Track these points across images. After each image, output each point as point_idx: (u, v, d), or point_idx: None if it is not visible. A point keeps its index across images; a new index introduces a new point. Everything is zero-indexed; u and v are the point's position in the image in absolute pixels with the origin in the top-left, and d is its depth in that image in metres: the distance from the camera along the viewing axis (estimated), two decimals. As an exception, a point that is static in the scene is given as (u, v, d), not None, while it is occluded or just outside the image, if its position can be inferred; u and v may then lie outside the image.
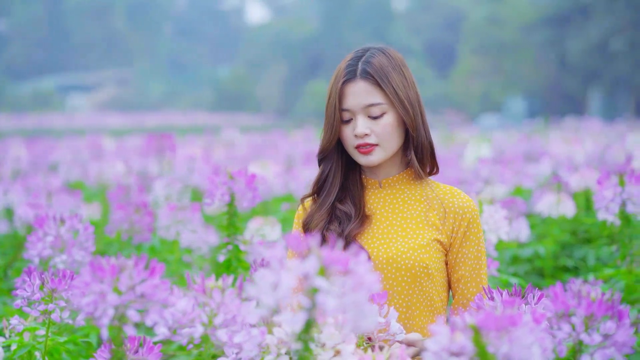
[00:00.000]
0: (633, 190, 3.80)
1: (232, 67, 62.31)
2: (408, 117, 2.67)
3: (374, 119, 2.68)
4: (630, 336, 1.92)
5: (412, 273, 2.65)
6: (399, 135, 2.71)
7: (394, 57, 2.72)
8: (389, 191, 2.78)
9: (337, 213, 2.74)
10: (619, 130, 17.62)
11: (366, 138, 2.68)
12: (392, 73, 2.68)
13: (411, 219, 2.72)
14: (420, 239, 2.68)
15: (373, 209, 2.77)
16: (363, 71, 2.68)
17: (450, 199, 2.73)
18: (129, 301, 1.90)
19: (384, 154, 2.71)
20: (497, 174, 6.49)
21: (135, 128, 29.63)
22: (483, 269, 2.74)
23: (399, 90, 2.66)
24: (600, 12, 40.56)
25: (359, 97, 2.67)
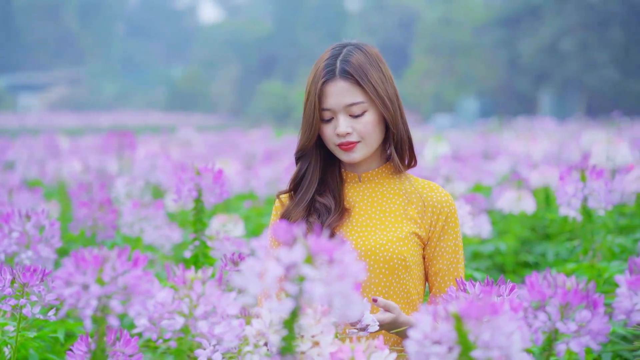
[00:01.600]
0: (594, 185, 3.86)
1: (185, 66, 62.06)
2: (388, 113, 2.70)
3: (355, 117, 2.69)
4: (605, 324, 1.96)
5: (390, 265, 2.67)
6: (380, 131, 2.74)
7: (371, 54, 2.75)
8: (368, 185, 2.81)
9: (317, 206, 2.76)
10: (572, 129, 17.86)
11: (348, 136, 2.70)
12: (371, 70, 2.70)
13: (390, 212, 2.75)
14: (398, 232, 2.70)
15: (352, 202, 2.79)
16: (342, 70, 2.69)
17: (428, 193, 2.76)
18: (112, 292, 1.90)
19: (366, 150, 2.73)
20: (456, 172, 6.55)
21: (89, 127, 29.38)
22: (460, 263, 2.77)
23: (378, 87, 2.68)
24: (550, 13, 41.04)
25: (340, 96, 2.68)
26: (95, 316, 1.91)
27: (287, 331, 1.78)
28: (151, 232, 5.12)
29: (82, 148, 13.24)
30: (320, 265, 1.72)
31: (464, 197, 5.47)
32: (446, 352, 1.81)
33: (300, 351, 2.06)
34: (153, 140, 14.20)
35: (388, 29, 55.30)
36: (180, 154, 11.68)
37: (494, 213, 6.59)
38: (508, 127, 22.68)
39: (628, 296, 2.03)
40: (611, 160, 5.66)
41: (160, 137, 17.18)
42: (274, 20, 61.74)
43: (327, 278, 1.70)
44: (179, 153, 11.94)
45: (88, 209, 4.84)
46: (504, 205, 5.62)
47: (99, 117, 40.55)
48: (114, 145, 7.43)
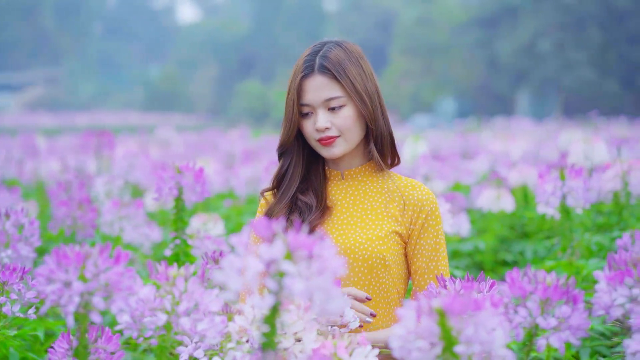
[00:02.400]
0: (573, 184, 3.89)
1: (163, 66, 61.87)
2: (366, 109, 2.71)
3: (333, 112, 2.71)
4: (585, 320, 1.97)
5: (368, 264, 2.68)
6: (360, 126, 2.75)
7: (351, 50, 2.76)
8: (351, 183, 2.82)
9: (299, 204, 2.77)
10: (550, 129, 17.96)
11: (327, 131, 2.71)
12: (349, 66, 2.71)
13: (371, 210, 2.76)
14: (378, 230, 2.71)
15: (335, 200, 2.80)
16: (320, 66, 2.70)
17: (410, 191, 2.77)
18: (94, 289, 1.90)
19: (346, 145, 2.74)
20: (435, 171, 6.58)
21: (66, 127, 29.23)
22: (441, 261, 2.77)
23: (356, 82, 2.70)
24: (527, 14, 41.24)
25: (318, 91, 2.70)
26: (78, 313, 1.91)
27: (269, 327, 1.79)
28: (131, 231, 5.11)
29: (60, 148, 13.19)
30: (300, 261, 1.72)
31: (444, 196, 5.49)
32: (429, 347, 1.82)
33: (283, 348, 2.07)
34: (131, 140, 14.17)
35: (366, 29, 55.37)
36: (159, 154, 11.65)
37: (473, 212, 6.62)
38: (486, 127, 22.78)
39: (607, 292, 2.05)
40: (589, 159, 5.70)
41: (138, 137, 17.13)
42: (252, 20, 61.69)
43: (307, 273, 1.71)
44: (158, 153, 11.92)
45: (67, 207, 4.82)
46: (483, 204, 5.65)
47: (77, 117, 40.35)
48: (92, 144, 7.41)
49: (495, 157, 9.40)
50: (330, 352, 2.02)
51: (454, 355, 1.80)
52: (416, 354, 1.83)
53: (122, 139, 15.17)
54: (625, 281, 2.04)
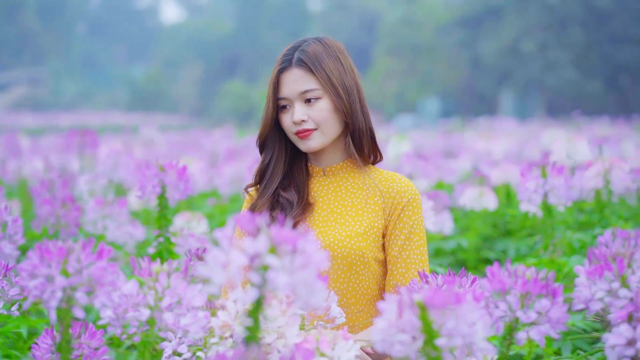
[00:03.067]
0: (555, 181, 3.92)
1: (147, 66, 61.76)
2: (342, 103, 2.73)
3: (310, 105, 2.74)
4: (564, 313, 1.99)
5: (347, 261, 2.69)
6: (337, 120, 2.77)
7: (331, 45, 2.79)
8: (333, 179, 2.83)
9: (280, 200, 2.79)
10: (533, 128, 18.04)
11: (303, 124, 2.74)
12: (327, 59, 2.74)
13: (351, 206, 2.77)
14: (357, 226, 2.73)
15: (316, 196, 2.82)
16: (298, 59, 2.74)
17: (390, 184, 2.78)
18: (77, 284, 1.91)
19: (323, 138, 2.76)
20: (419, 169, 6.60)
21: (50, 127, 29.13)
22: (415, 251, 2.75)
23: (332, 75, 2.72)
24: (511, 14, 41.38)
25: (294, 84, 2.74)
26: (60, 308, 1.91)
27: (252, 321, 1.80)
28: (114, 230, 5.11)
29: (44, 147, 13.15)
30: (283, 255, 1.74)
31: (427, 194, 5.52)
32: (411, 341, 1.84)
33: (266, 343, 2.08)
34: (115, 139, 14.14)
35: (350, 30, 55.41)
36: (143, 153, 11.64)
37: (456, 210, 6.65)
38: (470, 127, 22.85)
39: (587, 286, 2.07)
40: (571, 158, 5.73)
41: (122, 136, 17.10)
42: (236, 20, 61.65)
43: (291, 267, 1.72)
44: (142, 152, 11.90)
45: (51, 206, 4.81)
46: (465, 202, 5.67)
47: (60, 117, 40.21)
48: (75, 143, 7.40)
49: (478, 156, 9.44)
50: (313, 347, 2.04)
51: (435, 348, 1.82)
52: (398, 347, 1.84)
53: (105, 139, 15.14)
54: (605, 275, 2.06)
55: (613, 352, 1.92)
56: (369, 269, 2.71)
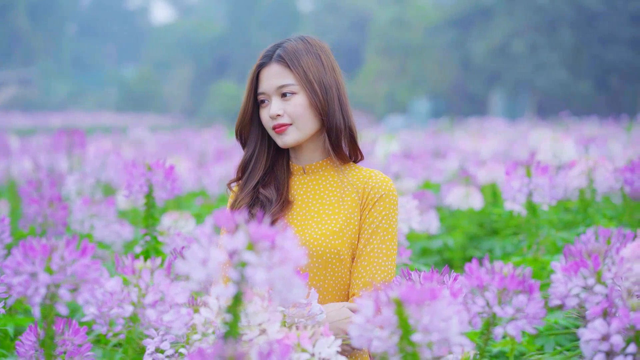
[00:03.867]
0: (539, 181, 3.96)
1: (137, 67, 61.66)
2: (317, 99, 2.76)
3: (286, 99, 2.77)
4: (541, 309, 2.03)
5: (323, 259, 2.72)
6: (313, 116, 2.79)
7: (312, 43, 2.83)
8: (312, 177, 2.86)
9: (260, 197, 2.82)
10: (522, 129, 18.10)
11: (279, 119, 2.77)
12: (305, 56, 2.78)
13: (329, 204, 2.80)
14: (333, 224, 2.75)
15: (296, 194, 2.85)
16: (277, 55, 2.79)
17: (366, 180, 2.80)
18: (60, 281, 1.93)
19: (299, 134, 2.79)
20: (406, 169, 6.64)
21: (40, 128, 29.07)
22: (380, 246, 2.75)
23: (309, 72, 2.76)
24: (501, 15, 41.44)
25: (271, 79, 2.78)
26: (44, 304, 1.94)
27: (232, 316, 1.83)
28: (102, 229, 5.13)
29: (33, 147, 13.15)
30: (262, 252, 1.77)
31: (413, 194, 5.56)
32: (387, 336, 1.87)
33: (248, 339, 2.10)
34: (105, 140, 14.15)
35: (341, 30, 55.41)
36: (133, 153, 11.65)
37: (443, 209, 6.68)
38: (459, 127, 22.90)
39: (563, 282, 2.11)
40: (557, 157, 5.78)
41: (112, 136, 17.10)
42: (226, 21, 61.62)
43: (269, 263, 1.75)
44: (132, 152, 11.92)
45: (38, 205, 4.83)
46: (452, 202, 5.71)
47: (50, 118, 40.13)
48: (64, 143, 7.42)
49: (465, 156, 9.48)
50: (294, 343, 2.07)
51: (411, 343, 1.85)
52: (377, 342, 1.87)
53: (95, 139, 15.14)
54: (581, 271, 2.09)
55: (588, 347, 1.95)
56: (345, 266, 2.74)
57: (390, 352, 1.88)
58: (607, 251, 2.09)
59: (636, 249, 2.04)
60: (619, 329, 1.91)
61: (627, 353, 1.90)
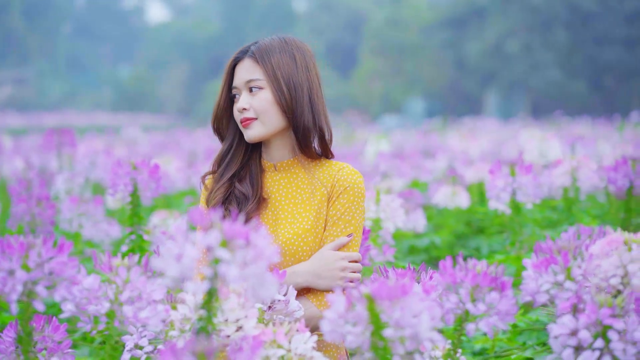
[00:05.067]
0: (523, 180, 4.00)
1: (133, 67, 61.63)
2: (283, 97, 2.79)
3: (252, 94, 2.81)
4: (513, 306, 2.06)
5: (296, 258, 2.75)
6: (278, 113, 2.81)
7: (290, 43, 2.86)
8: (284, 175, 2.88)
9: (236, 193, 2.85)
10: (515, 129, 18.15)
11: (245, 112, 2.81)
12: (278, 54, 2.81)
13: (300, 202, 2.83)
14: (304, 223, 2.78)
15: (269, 192, 2.87)
16: (250, 51, 2.84)
17: (335, 174, 2.83)
18: (37, 278, 1.96)
19: (263, 129, 2.81)
20: (395, 168, 6.67)
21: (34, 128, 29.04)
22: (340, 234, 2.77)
23: (278, 69, 2.80)
24: (495, 15, 41.50)
25: (242, 74, 2.83)
26: (22, 301, 1.96)
27: (205, 312, 1.86)
28: (90, 228, 5.16)
29: (26, 147, 13.16)
30: (235, 249, 1.79)
31: (400, 193, 5.59)
32: (359, 331, 1.89)
33: (225, 335, 2.13)
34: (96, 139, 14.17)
35: (336, 30, 55.47)
36: (125, 153, 11.67)
37: (431, 208, 6.72)
38: (453, 127, 22.94)
39: (534, 278, 2.14)
40: (543, 156, 5.82)
41: (105, 136, 17.11)
42: (222, 21, 61.65)
43: (242, 260, 1.78)
44: (124, 152, 11.94)
45: (26, 204, 4.85)
46: (439, 201, 5.75)
47: (45, 118, 40.09)
48: (54, 143, 7.45)
49: (455, 155, 9.51)
50: (270, 339, 2.10)
51: (383, 338, 1.88)
52: (351, 338, 1.90)
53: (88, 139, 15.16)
54: (551, 268, 2.13)
55: (557, 342, 1.98)
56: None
57: (363, 347, 1.91)
58: (577, 248, 2.12)
59: (605, 246, 2.08)
60: (587, 325, 1.95)
61: (594, 348, 1.94)
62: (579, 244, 2.13)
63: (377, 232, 4.14)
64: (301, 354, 2.10)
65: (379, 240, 4.13)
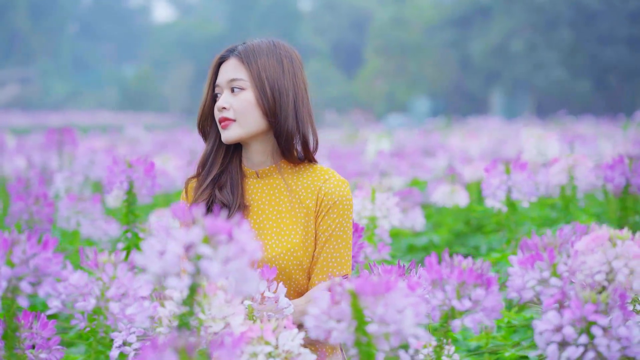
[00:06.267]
0: (518, 177, 3.99)
1: (137, 66, 61.68)
2: (265, 100, 2.74)
3: (234, 94, 2.78)
4: (498, 302, 2.06)
5: (286, 272, 2.72)
6: (258, 115, 2.76)
7: (279, 48, 2.82)
8: (266, 181, 2.83)
9: (216, 201, 2.79)
10: (518, 128, 18.15)
11: (224, 112, 2.77)
12: (265, 57, 2.78)
13: (286, 212, 2.78)
14: (293, 236, 2.75)
15: (251, 199, 2.82)
16: (237, 51, 2.81)
17: (321, 185, 2.78)
18: (22, 274, 1.96)
19: (241, 130, 2.76)
20: (394, 167, 6.66)
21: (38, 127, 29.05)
22: (334, 254, 2.76)
23: (263, 72, 2.76)
24: (499, 14, 41.48)
25: (226, 72, 2.80)
26: (6, 297, 1.97)
27: (187, 307, 1.86)
28: (88, 226, 5.16)
29: (29, 146, 13.17)
30: (217, 245, 1.80)
31: (399, 192, 5.60)
32: (343, 328, 1.90)
33: (213, 332, 2.13)
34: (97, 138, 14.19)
35: (340, 29, 55.48)
36: (127, 152, 11.68)
37: (430, 207, 6.72)
38: (457, 126, 22.94)
39: (520, 275, 2.14)
40: (542, 155, 5.82)
41: (108, 135, 17.14)
42: (226, 20, 61.68)
43: (224, 256, 1.78)
44: (126, 150, 11.95)
45: (24, 202, 4.86)
46: (437, 199, 5.75)
47: (50, 117, 40.13)
48: (55, 141, 7.46)
49: (455, 154, 9.50)
50: (257, 336, 2.10)
51: (367, 334, 1.88)
52: (336, 334, 1.90)
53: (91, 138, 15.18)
54: (536, 264, 2.13)
55: (541, 338, 1.98)
56: (306, 274, 2.76)
57: (348, 344, 1.91)
58: (563, 245, 2.12)
59: (590, 242, 2.08)
60: (572, 321, 1.94)
61: (579, 344, 1.93)
62: (565, 240, 2.13)
63: (372, 230, 4.14)
64: (289, 350, 2.10)
65: (375, 238, 4.13)
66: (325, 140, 13.33)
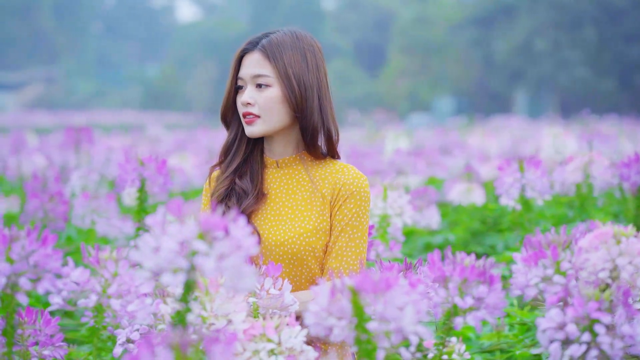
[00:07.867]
0: (532, 176, 3.96)
1: (161, 65, 61.88)
2: (292, 96, 2.74)
3: (260, 90, 2.77)
4: (501, 299, 2.04)
5: (298, 257, 2.73)
6: (284, 111, 2.77)
7: (302, 40, 2.81)
8: (286, 171, 2.85)
9: (236, 189, 2.82)
10: (538, 127, 18.06)
11: (249, 107, 2.77)
12: (289, 51, 2.76)
13: (302, 200, 2.79)
14: (307, 222, 2.75)
15: (269, 188, 2.84)
16: (261, 44, 2.78)
17: (339, 176, 2.80)
18: (21, 270, 1.96)
19: (265, 126, 2.77)
20: (411, 165, 6.64)
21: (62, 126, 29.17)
22: (349, 244, 2.75)
23: (289, 67, 2.75)
24: (523, 12, 41.29)
25: (250, 67, 2.78)
26: (5, 294, 1.97)
27: (182, 304, 1.85)
28: (103, 224, 5.16)
29: (50, 145, 13.24)
30: (213, 241, 1.79)
31: (415, 190, 5.57)
32: (344, 325, 1.88)
33: (215, 329, 2.12)
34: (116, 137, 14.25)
35: (364, 28, 55.45)
36: (147, 151, 11.72)
37: (447, 205, 6.68)
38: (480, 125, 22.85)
39: (523, 272, 2.12)
40: (559, 153, 5.78)
41: (129, 135, 17.20)
42: (250, 20, 61.74)
43: (219, 252, 1.77)
44: (146, 150, 11.98)
45: (39, 200, 4.88)
46: (454, 197, 5.72)
47: (74, 116, 40.32)
48: (73, 140, 7.50)
49: (473, 153, 9.47)
50: (260, 333, 2.09)
51: (366, 331, 1.86)
52: (336, 331, 1.89)
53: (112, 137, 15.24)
54: (540, 262, 2.10)
55: (544, 336, 1.96)
56: (319, 262, 2.76)
57: (348, 341, 1.89)
58: (567, 242, 2.10)
59: (593, 239, 2.05)
60: (575, 318, 1.92)
61: (582, 342, 1.91)
62: (569, 238, 2.10)
63: (385, 228, 4.12)
64: (291, 347, 2.09)
65: (388, 236, 4.11)
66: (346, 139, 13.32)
